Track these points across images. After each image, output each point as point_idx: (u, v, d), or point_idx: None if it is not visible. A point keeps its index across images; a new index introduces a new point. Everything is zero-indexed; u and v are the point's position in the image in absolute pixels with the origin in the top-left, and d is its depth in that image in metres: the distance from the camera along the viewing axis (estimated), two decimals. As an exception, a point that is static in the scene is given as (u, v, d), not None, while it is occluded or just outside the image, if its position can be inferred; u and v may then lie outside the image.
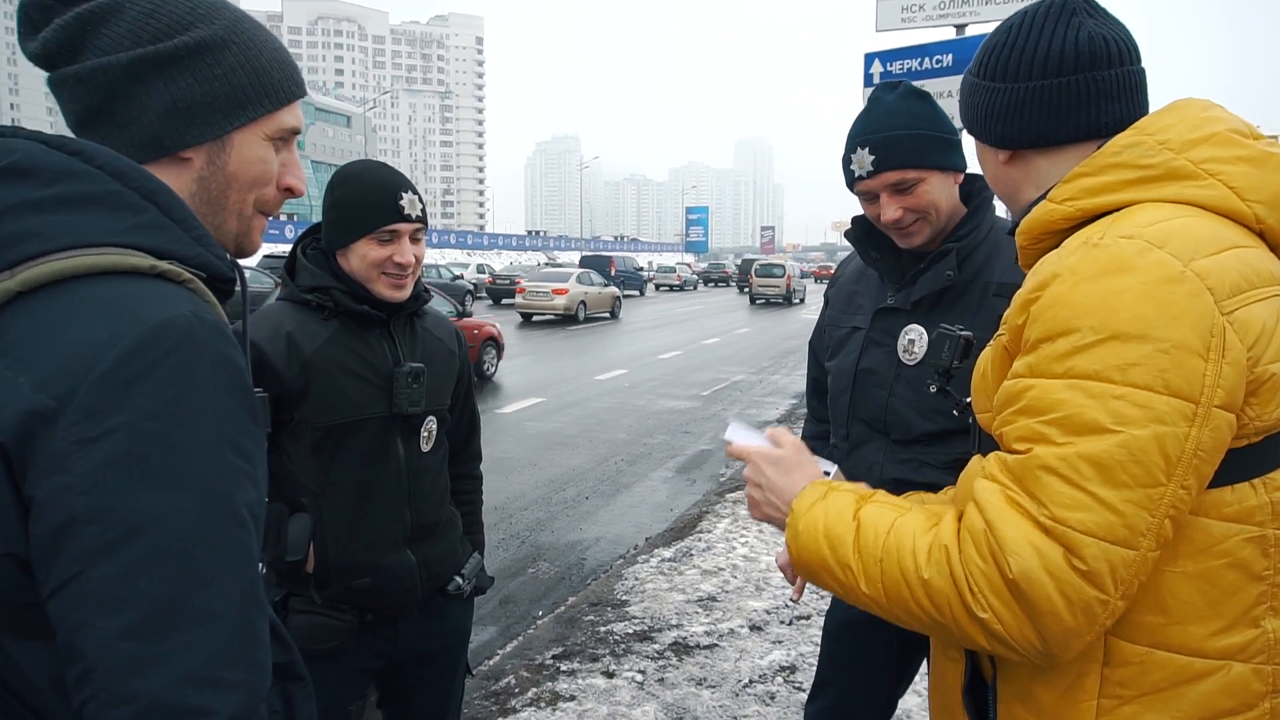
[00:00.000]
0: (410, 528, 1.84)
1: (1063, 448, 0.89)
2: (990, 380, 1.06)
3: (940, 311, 1.75)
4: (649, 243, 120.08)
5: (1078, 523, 0.87)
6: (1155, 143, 1.00)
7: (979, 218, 1.77)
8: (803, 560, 1.11)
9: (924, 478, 1.76)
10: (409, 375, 1.80)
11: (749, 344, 19.46)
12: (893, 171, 1.69)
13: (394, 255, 1.78)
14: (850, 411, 1.88)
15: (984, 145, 1.18)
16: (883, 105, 1.72)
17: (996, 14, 8.26)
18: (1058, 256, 0.97)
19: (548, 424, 9.77)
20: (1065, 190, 1.04)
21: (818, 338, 2.14)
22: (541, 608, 4.78)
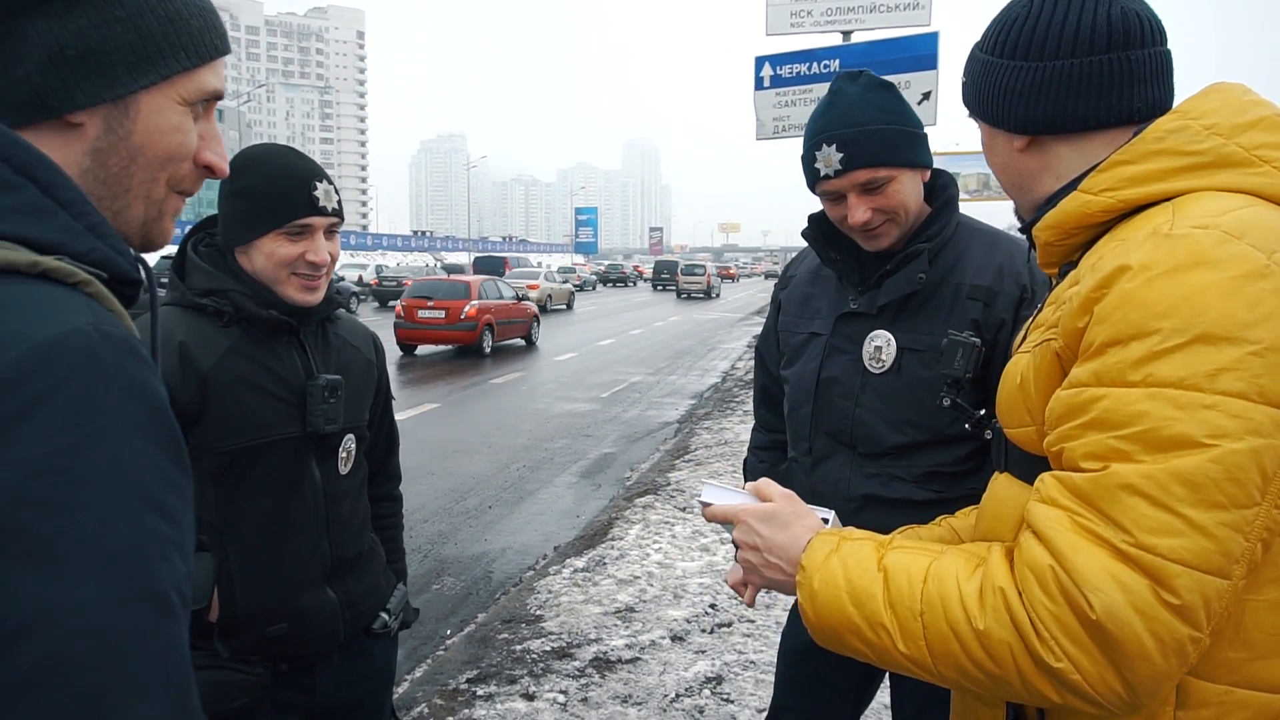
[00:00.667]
0: (330, 562, 1.62)
1: (1148, 465, 0.78)
2: (1033, 391, 0.95)
3: (908, 316, 1.65)
4: (538, 243, 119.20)
5: (1168, 550, 0.76)
6: (1201, 127, 0.90)
7: (947, 216, 1.68)
8: (824, 623, 0.98)
9: (895, 493, 1.67)
10: (325, 389, 1.58)
11: (645, 344, 19.44)
12: (863, 170, 1.56)
13: (306, 253, 1.56)
14: (813, 424, 1.76)
15: (995, 130, 1.06)
16: (847, 97, 1.60)
17: (881, 22, 8.53)
18: (1123, 249, 0.86)
19: (445, 430, 9.43)
20: (1102, 180, 0.94)
21: (767, 342, 2.02)
22: (450, 626, 4.53)
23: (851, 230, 1.64)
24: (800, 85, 8.58)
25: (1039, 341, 0.96)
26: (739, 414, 9.99)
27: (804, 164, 1.65)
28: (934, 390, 1.60)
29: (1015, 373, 1.00)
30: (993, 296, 1.61)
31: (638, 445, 9.06)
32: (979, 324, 1.60)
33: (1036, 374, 0.95)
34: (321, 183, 1.58)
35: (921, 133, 1.62)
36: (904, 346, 1.64)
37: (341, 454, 1.66)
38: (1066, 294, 0.92)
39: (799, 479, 1.79)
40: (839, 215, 1.64)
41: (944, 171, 1.71)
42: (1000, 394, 1.04)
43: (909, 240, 1.67)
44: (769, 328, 2.00)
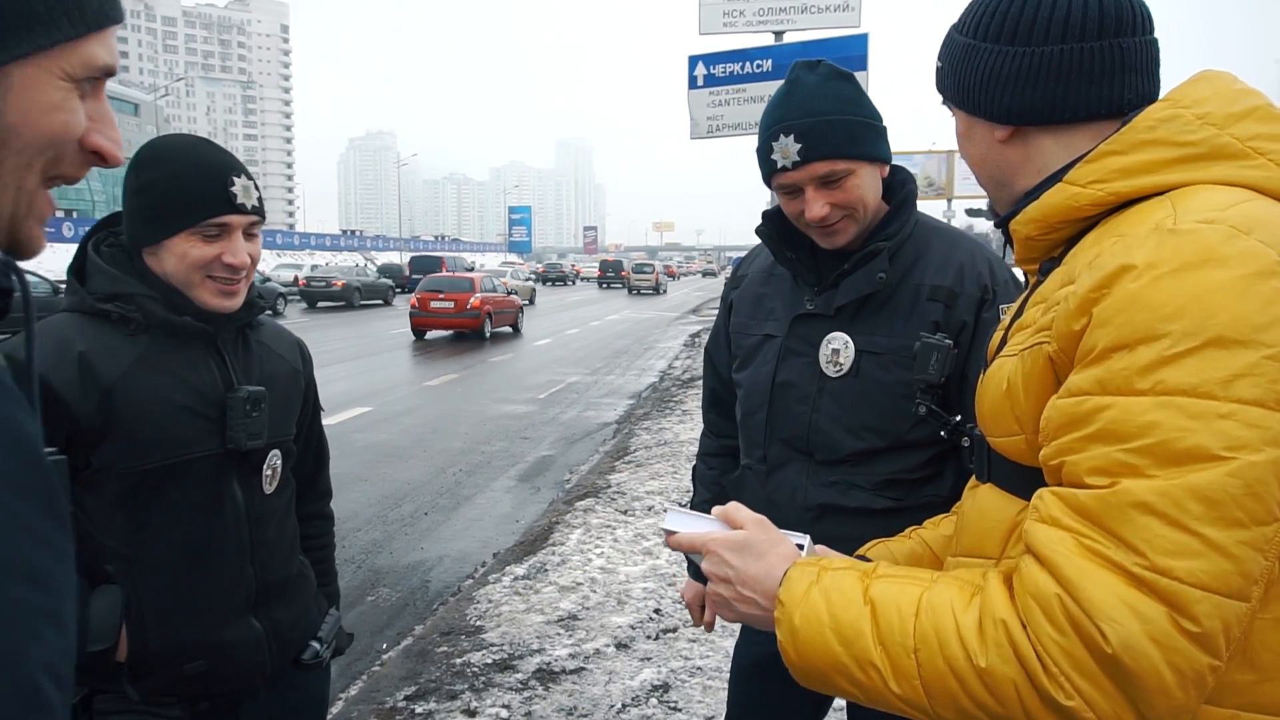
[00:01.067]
0: (255, 589, 1.50)
1: (1161, 480, 0.72)
2: (1023, 398, 0.89)
3: (866, 318, 1.59)
4: (471, 243, 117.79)
5: (1186, 573, 0.70)
6: (1193, 116, 0.85)
7: (906, 214, 1.62)
8: (807, 663, 0.90)
9: (853, 501, 1.61)
10: (246, 402, 1.46)
11: (581, 344, 19.31)
12: (821, 162, 1.49)
13: (223, 254, 1.43)
14: (768, 430, 1.69)
15: (974, 120, 1.00)
16: (805, 86, 1.53)
17: (812, 23, 8.63)
18: (1123, 246, 0.79)
19: (377, 435, 9.17)
20: (1091, 171, 0.89)
21: (716, 345, 1.94)
22: (386, 640, 4.37)
23: (808, 226, 1.58)
24: (733, 85, 8.63)
25: (1028, 345, 0.89)
26: (678, 414, 9.96)
27: (759, 156, 1.58)
28: (894, 395, 1.56)
29: (1000, 378, 0.93)
30: (953, 297, 1.57)
31: (577, 447, 8.95)
32: (939, 326, 1.55)
33: (1026, 379, 0.88)
34: (240, 177, 1.45)
35: (882, 126, 1.57)
36: (862, 349, 1.58)
37: (266, 472, 1.53)
38: (1058, 294, 0.86)
39: (753, 488, 1.72)
40: (795, 210, 1.57)
41: (902, 168, 1.66)
42: (983, 400, 0.97)
43: (867, 238, 1.61)
44: (719, 329, 1.93)
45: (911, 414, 1.56)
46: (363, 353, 16.72)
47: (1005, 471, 0.95)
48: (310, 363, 1.74)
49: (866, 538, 1.59)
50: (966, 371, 1.54)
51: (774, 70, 8.55)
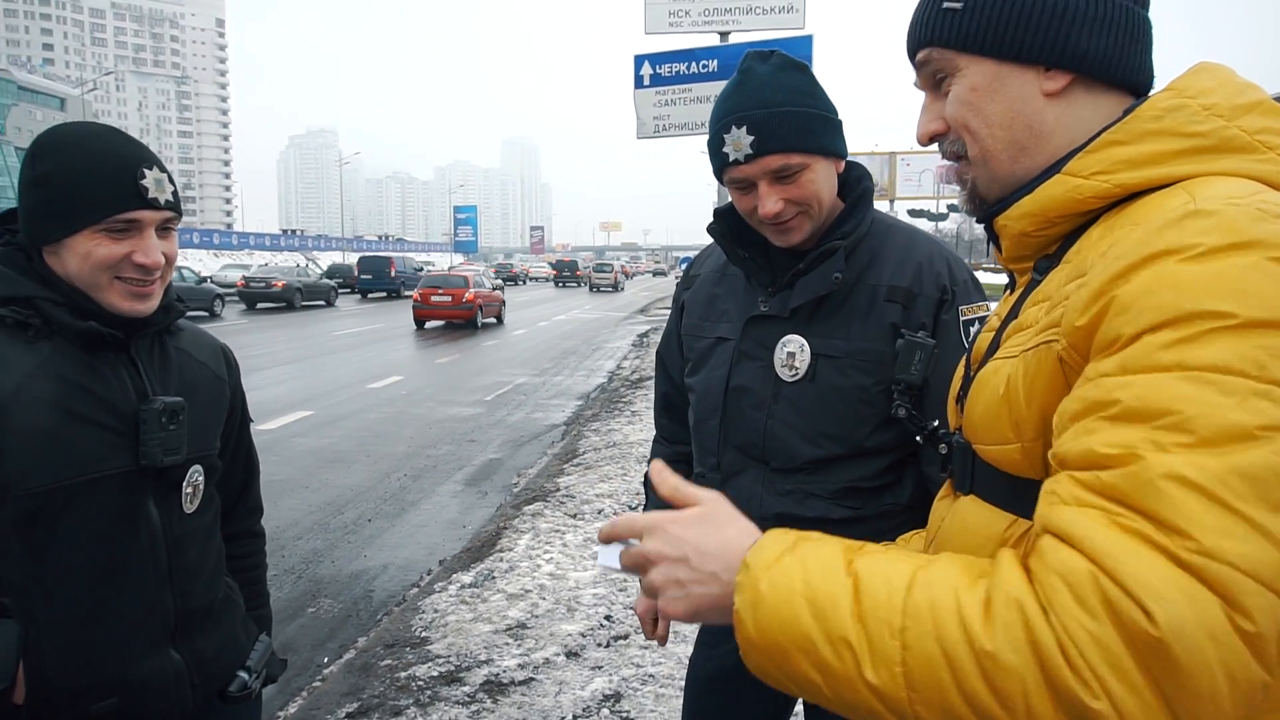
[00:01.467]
0: (174, 618, 1.38)
1: (1199, 453, 0.63)
2: (1024, 403, 0.81)
3: (822, 319, 1.53)
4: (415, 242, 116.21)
5: (1239, 557, 0.60)
6: (1200, 107, 0.80)
7: (863, 212, 1.56)
8: (766, 639, 0.75)
9: (810, 511, 1.55)
10: (162, 413, 1.34)
11: (528, 345, 19.14)
12: (775, 156, 1.43)
13: (134, 254, 1.32)
14: (721, 436, 1.62)
15: (1013, 69, 0.88)
16: (757, 77, 1.46)
17: (758, 24, 8.69)
18: (1142, 234, 0.73)
19: (318, 440, 8.92)
20: (1094, 161, 0.83)
21: (668, 347, 1.87)
22: (327, 653, 4.21)
23: (760, 223, 1.51)
24: (680, 84, 8.63)
25: (1032, 345, 0.82)
26: (626, 415, 9.89)
27: (711, 149, 1.51)
28: (851, 400, 1.51)
29: (997, 381, 0.86)
30: (911, 298, 1.52)
31: (524, 449, 8.82)
32: (898, 327, 1.50)
33: (1030, 382, 0.80)
34: (151, 169, 1.33)
35: (837, 119, 1.51)
36: (819, 352, 1.52)
37: (186, 489, 1.41)
38: (1067, 289, 0.79)
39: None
40: (748, 206, 1.51)
41: (858, 164, 1.60)
42: (975, 405, 0.90)
43: (822, 237, 1.55)
44: (670, 332, 1.86)
45: (870, 419, 1.52)
46: (304, 355, 16.32)
47: (993, 483, 0.88)
48: (236, 369, 1.62)
49: None
50: (927, 375, 1.49)
51: (720, 70, 8.57)
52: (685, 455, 1.83)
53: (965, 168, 0.96)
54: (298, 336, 20.24)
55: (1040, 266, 0.90)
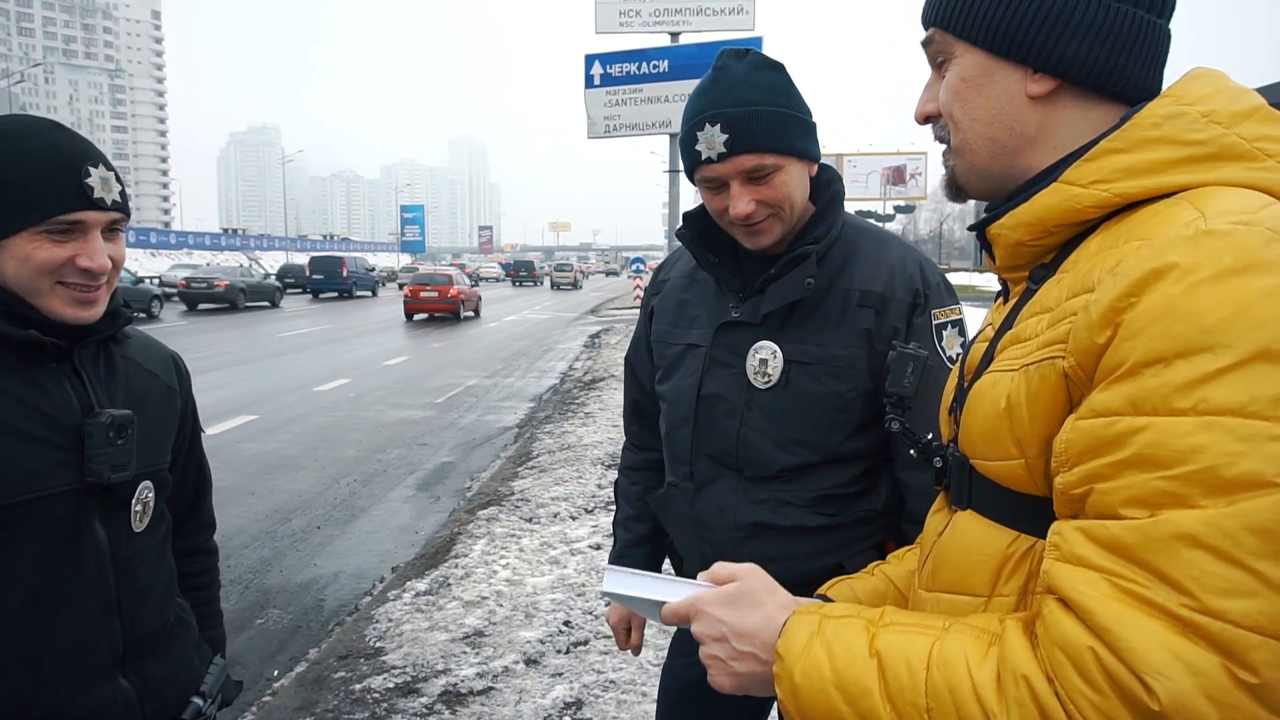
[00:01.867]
0: (123, 645, 1.30)
1: (1210, 510, 0.64)
2: (1027, 419, 0.79)
3: (794, 325, 1.51)
4: (361, 242, 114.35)
5: (1241, 615, 0.62)
6: (1199, 114, 0.79)
7: (834, 216, 1.54)
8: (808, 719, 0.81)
9: (786, 519, 1.52)
10: (110, 427, 1.26)
11: (479, 346, 18.94)
12: (749, 155, 1.40)
13: (77, 257, 1.24)
14: (694, 445, 1.59)
15: (1002, 65, 0.87)
16: (733, 75, 1.43)
17: (707, 25, 8.74)
18: (1151, 250, 0.71)
19: (264, 444, 8.70)
20: (1092, 170, 0.81)
21: (638, 353, 1.83)
22: (277, 666, 4.09)
23: (731, 225, 1.49)
24: (630, 84, 8.62)
25: (1034, 360, 0.80)
26: (580, 416, 9.83)
27: (683, 147, 1.48)
28: (825, 406, 1.49)
29: (996, 396, 0.84)
30: (885, 303, 1.49)
31: (477, 453, 8.71)
32: (871, 333, 1.48)
33: (1032, 398, 0.79)
34: (97, 167, 1.25)
35: (812, 121, 1.48)
36: (791, 359, 1.50)
37: (135, 507, 1.33)
38: (1072, 304, 0.77)
39: (679, 507, 1.63)
40: (719, 206, 1.48)
41: (829, 167, 1.59)
42: (972, 419, 0.88)
43: (793, 241, 1.52)
44: (639, 337, 1.82)
45: (845, 426, 1.50)
46: (248, 357, 15.91)
47: (992, 498, 0.87)
48: (187, 379, 1.54)
49: (800, 557, 1.52)
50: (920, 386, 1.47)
51: (670, 71, 8.58)
52: (655, 462, 1.80)
53: (947, 153, 0.95)
54: (241, 338, 19.74)
55: (1036, 276, 0.88)
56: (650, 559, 1.82)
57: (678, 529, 1.66)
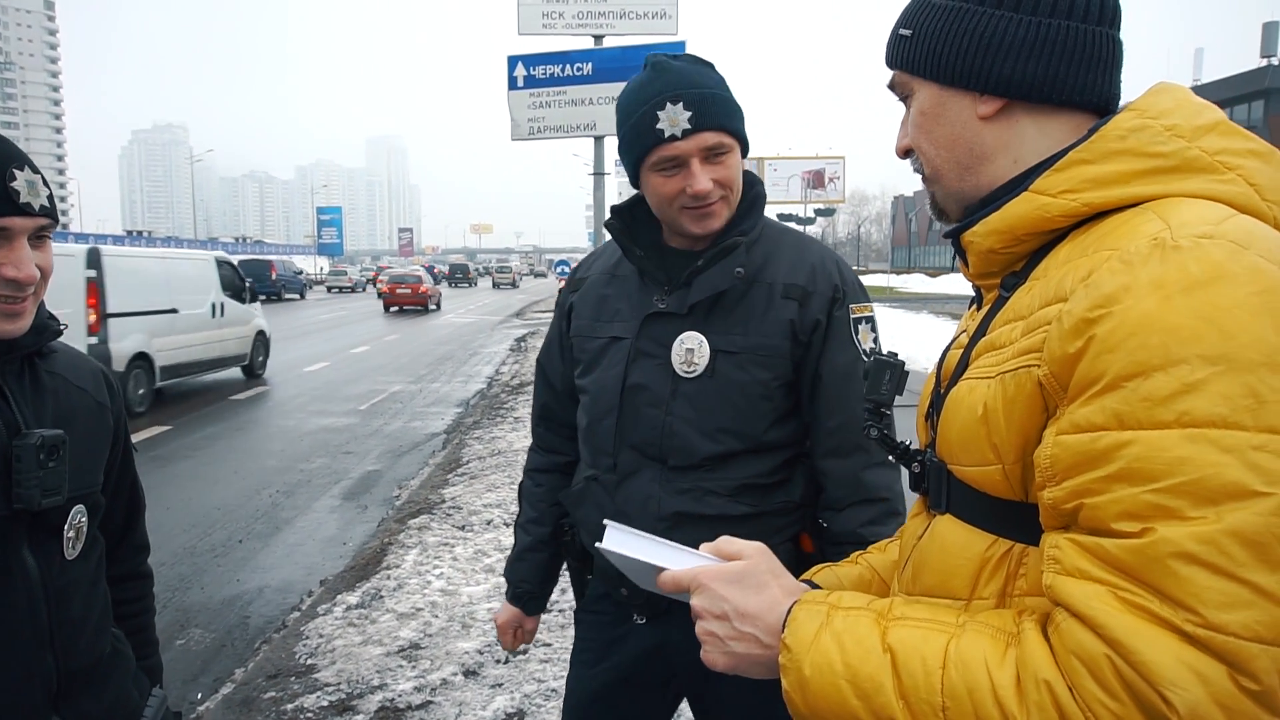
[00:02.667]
0: (56, 680, 1.22)
1: (1200, 524, 0.66)
2: (1004, 426, 0.81)
3: (720, 316, 1.55)
4: (276, 244, 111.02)
5: (1241, 626, 0.65)
6: (1162, 128, 0.82)
7: (759, 212, 1.61)
8: (817, 714, 0.81)
9: (709, 508, 1.56)
10: (40, 449, 1.19)
11: (401, 350, 18.58)
12: (710, 132, 1.46)
13: (2, 267, 1.17)
14: (618, 436, 1.60)
15: (952, 94, 0.92)
16: (677, 66, 1.49)
17: (631, 29, 8.75)
18: (1120, 264, 0.74)
19: (178, 456, 8.35)
20: (1060, 180, 0.84)
21: (550, 355, 1.82)
22: (201, 688, 3.92)
23: (682, 210, 1.51)
24: (554, 86, 8.57)
25: (1010, 368, 0.82)
26: (510, 421, 9.73)
27: (635, 131, 1.50)
28: (751, 395, 1.54)
29: (974, 402, 0.86)
30: (807, 296, 1.56)
31: (404, 460, 8.53)
32: (795, 324, 1.55)
33: (1009, 405, 0.81)
34: (23, 170, 1.18)
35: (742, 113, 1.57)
36: (718, 348, 1.54)
37: (68, 533, 1.25)
38: (1045, 313, 0.80)
39: (600, 500, 1.63)
40: (675, 188, 1.50)
41: (748, 170, 1.64)
42: (950, 426, 0.90)
43: (717, 236, 1.57)
44: (553, 338, 1.82)
45: (768, 414, 1.56)
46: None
47: (970, 503, 0.89)
48: (119, 395, 1.46)
49: None
50: (821, 370, 1.56)
51: (594, 74, 8.56)
52: (560, 465, 1.83)
53: (925, 183, 1.00)
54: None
55: (1008, 284, 0.91)
56: (550, 563, 1.85)
57: (595, 523, 1.65)
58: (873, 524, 1.53)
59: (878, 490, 1.55)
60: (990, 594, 0.85)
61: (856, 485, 1.55)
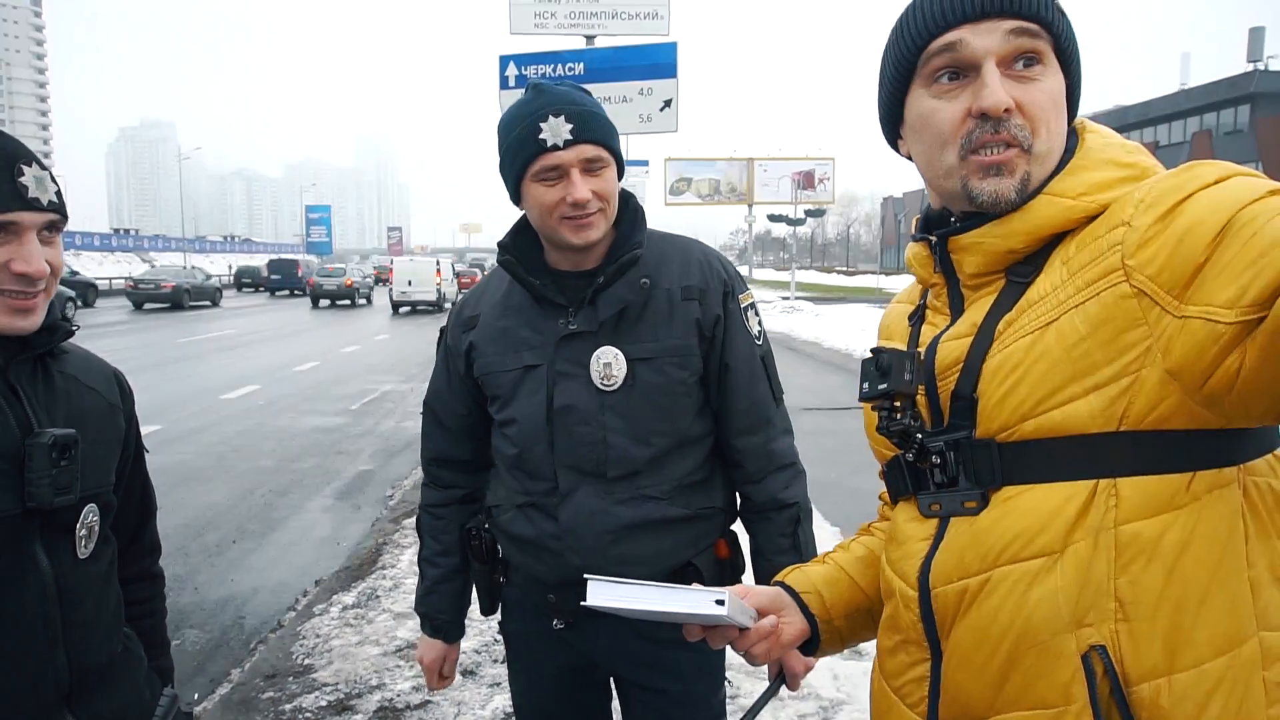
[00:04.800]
0: (68, 680, 1.22)
1: None
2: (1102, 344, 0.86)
3: (629, 327, 1.59)
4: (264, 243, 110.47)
5: None
6: (1118, 145, 0.98)
7: (643, 222, 1.66)
8: None
9: (651, 514, 1.60)
10: (52, 448, 1.18)
11: (392, 349, 18.53)
12: (590, 145, 1.52)
13: (12, 261, 1.16)
14: (554, 460, 1.62)
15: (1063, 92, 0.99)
16: (556, 89, 1.56)
17: (623, 29, 8.75)
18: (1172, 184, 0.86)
19: (170, 456, 8.28)
20: (1076, 184, 0.95)
21: (439, 397, 1.81)
22: (197, 689, 3.90)
23: (561, 221, 1.54)
24: (547, 86, 8.55)
25: (1081, 299, 0.88)
26: (503, 420, 9.71)
27: (519, 143, 1.53)
28: (673, 393, 1.61)
29: (1044, 347, 0.89)
30: (704, 294, 1.63)
31: (398, 459, 8.51)
32: (700, 322, 1.61)
33: (1097, 325, 0.86)
34: (30, 166, 1.18)
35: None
36: (634, 358, 1.59)
37: (80, 532, 1.25)
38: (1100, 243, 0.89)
39: (536, 523, 1.64)
40: (554, 198, 1.53)
41: (624, 188, 1.69)
42: (1015, 386, 0.91)
43: (608, 253, 1.62)
44: (440, 380, 1.81)
45: (690, 408, 1.64)
46: (147, 364, 15.15)
47: (1042, 459, 0.89)
48: (130, 396, 1.45)
49: (667, 553, 1.62)
50: (727, 360, 1.63)
51: (586, 74, 8.55)
52: (459, 497, 1.84)
53: (1021, 157, 0.94)
54: (142, 344, 18.81)
55: (1020, 271, 0.96)
56: (462, 590, 1.87)
57: (529, 548, 1.66)
58: (789, 487, 1.68)
59: (787, 457, 1.69)
60: (1084, 535, 0.86)
61: (769, 456, 1.67)
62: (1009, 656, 0.90)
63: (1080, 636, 0.86)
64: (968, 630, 0.94)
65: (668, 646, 1.63)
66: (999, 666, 0.91)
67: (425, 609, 1.87)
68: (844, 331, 19.09)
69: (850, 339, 17.59)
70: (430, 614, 1.86)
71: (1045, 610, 0.88)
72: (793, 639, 1.20)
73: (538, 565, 1.64)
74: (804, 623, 1.20)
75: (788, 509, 1.67)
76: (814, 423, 9.30)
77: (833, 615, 1.21)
